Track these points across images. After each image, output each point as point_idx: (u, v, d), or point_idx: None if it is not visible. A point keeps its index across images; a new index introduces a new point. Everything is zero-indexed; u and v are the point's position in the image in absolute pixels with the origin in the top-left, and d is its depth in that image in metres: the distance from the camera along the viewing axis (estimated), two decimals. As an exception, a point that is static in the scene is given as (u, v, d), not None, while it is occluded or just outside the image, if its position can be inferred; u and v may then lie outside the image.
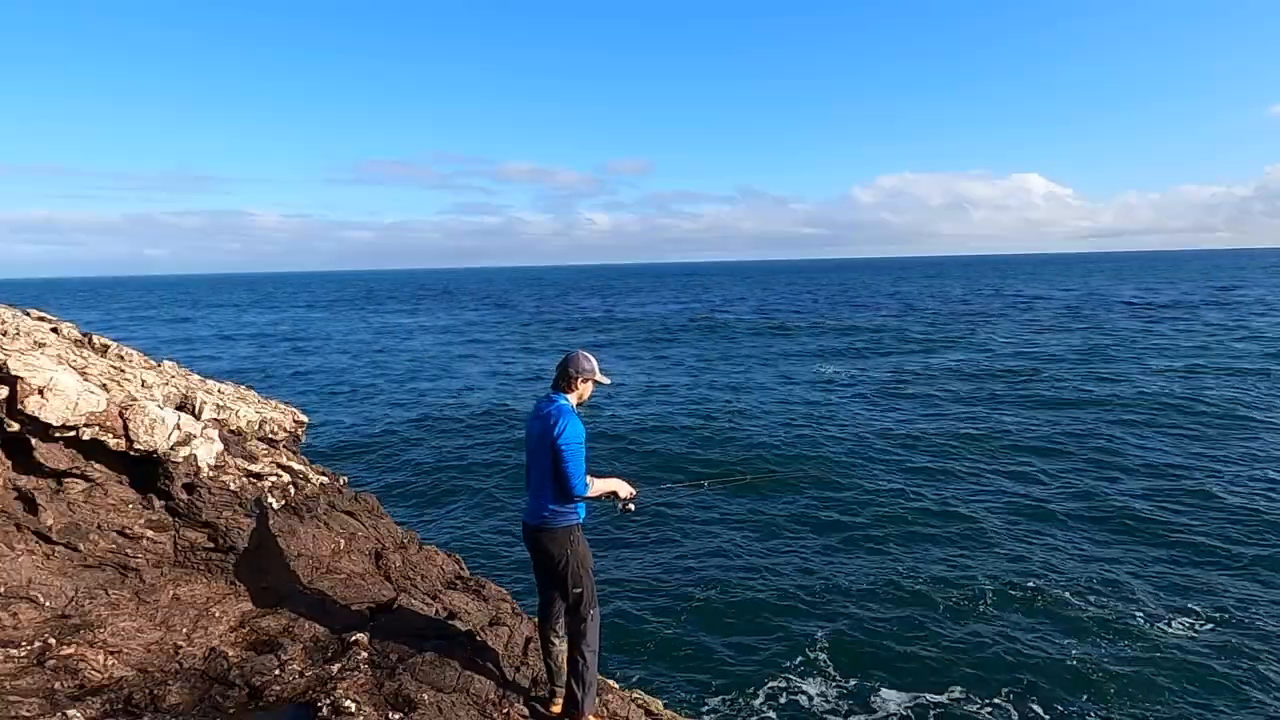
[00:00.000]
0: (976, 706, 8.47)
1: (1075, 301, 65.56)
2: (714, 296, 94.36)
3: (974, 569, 11.79)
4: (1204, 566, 11.73)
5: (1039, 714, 8.38)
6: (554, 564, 4.43)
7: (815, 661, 9.42)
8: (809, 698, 8.76)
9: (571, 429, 4.29)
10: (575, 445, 4.27)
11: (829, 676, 9.12)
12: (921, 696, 8.67)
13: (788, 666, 9.33)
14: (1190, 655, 9.34)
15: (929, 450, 18.66)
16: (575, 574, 4.42)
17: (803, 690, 8.89)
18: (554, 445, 4.26)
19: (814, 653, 9.60)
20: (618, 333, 50.81)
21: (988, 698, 8.60)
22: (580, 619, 4.46)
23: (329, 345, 47.33)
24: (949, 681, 8.89)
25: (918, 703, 8.58)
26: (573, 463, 4.25)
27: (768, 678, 9.11)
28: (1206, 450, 17.78)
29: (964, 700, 8.57)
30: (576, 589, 4.43)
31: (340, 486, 6.73)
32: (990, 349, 36.48)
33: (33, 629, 4.36)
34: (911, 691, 8.76)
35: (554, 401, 4.46)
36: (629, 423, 22.14)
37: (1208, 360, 30.17)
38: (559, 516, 4.39)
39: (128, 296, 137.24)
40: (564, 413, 4.36)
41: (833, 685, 8.95)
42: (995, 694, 8.67)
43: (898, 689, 8.82)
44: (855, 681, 9.01)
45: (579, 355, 4.56)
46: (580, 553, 4.44)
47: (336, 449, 20.10)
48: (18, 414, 4.69)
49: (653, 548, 12.93)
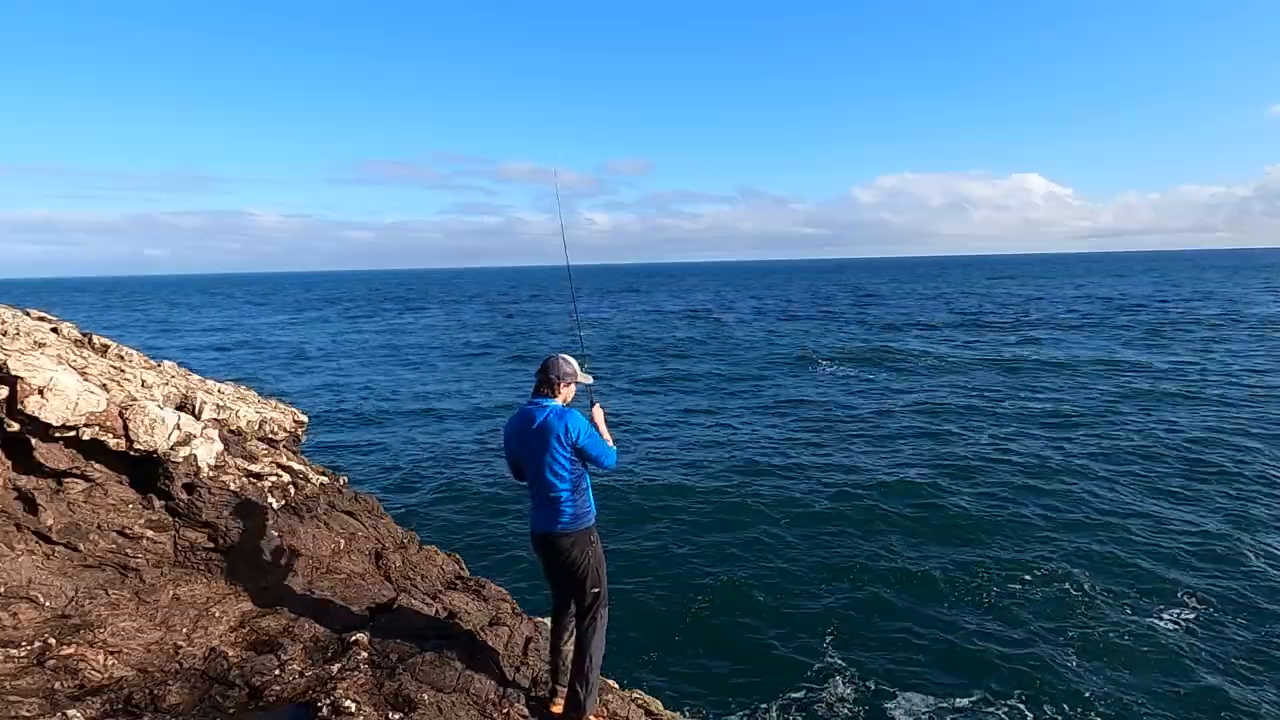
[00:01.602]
0: (991, 708, 8.46)
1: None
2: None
3: (1001, 569, 11.75)
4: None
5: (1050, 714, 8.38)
6: (575, 567, 4.41)
7: (818, 661, 9.42)
8: (811, 697, 8.75)
9: (574, 423, 4.30)
10: (592, 436, 4.34)
11: (832, 676, 9.11)
12: (929, 697, 8.65)
13: (790, 666, 9.33)
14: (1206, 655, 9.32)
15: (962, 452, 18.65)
16: (595, 575, 4.43)
17: (805, 690, 8.88)
18: (575, 448, 4.29)
19: (817, 652, 9.60)
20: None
21: (1001, 698, 8.59)
22: (592, 619, 4.45)
23: (329, 345, 47.32)
24: (962, 683, 8.86)
25: (926, 702, 8.56)
26: (599, 451, 4.37)
27: (769, 677, 9.10)
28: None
29: (979, 702, 8.55)
30: (595, 589, 4.43)
31: (340, 486, 6.73)
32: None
33: (33, 629, 4.36)
34: (919, 692, 8.74)
35: (544, 408, 4.37)
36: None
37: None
38: (579, 519, 4.38)
39: (128, 296, 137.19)
40: (564, 413, 4.34)
41: (835, 684, 8.95)
42: (1010, 694, 8.66)
43: (902, 689, 8.81)
44: (858, 681, 9.00)
45: (559, 359, 4.48)
46: (598, 554, 4.48)
47: (336, 449, 20.10)
48: (18, 414, 4.69)
49: (654, 546, 12.93)
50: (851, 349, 38.57)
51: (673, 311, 69.59)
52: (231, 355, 43.33)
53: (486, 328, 57.76)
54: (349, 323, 66.05)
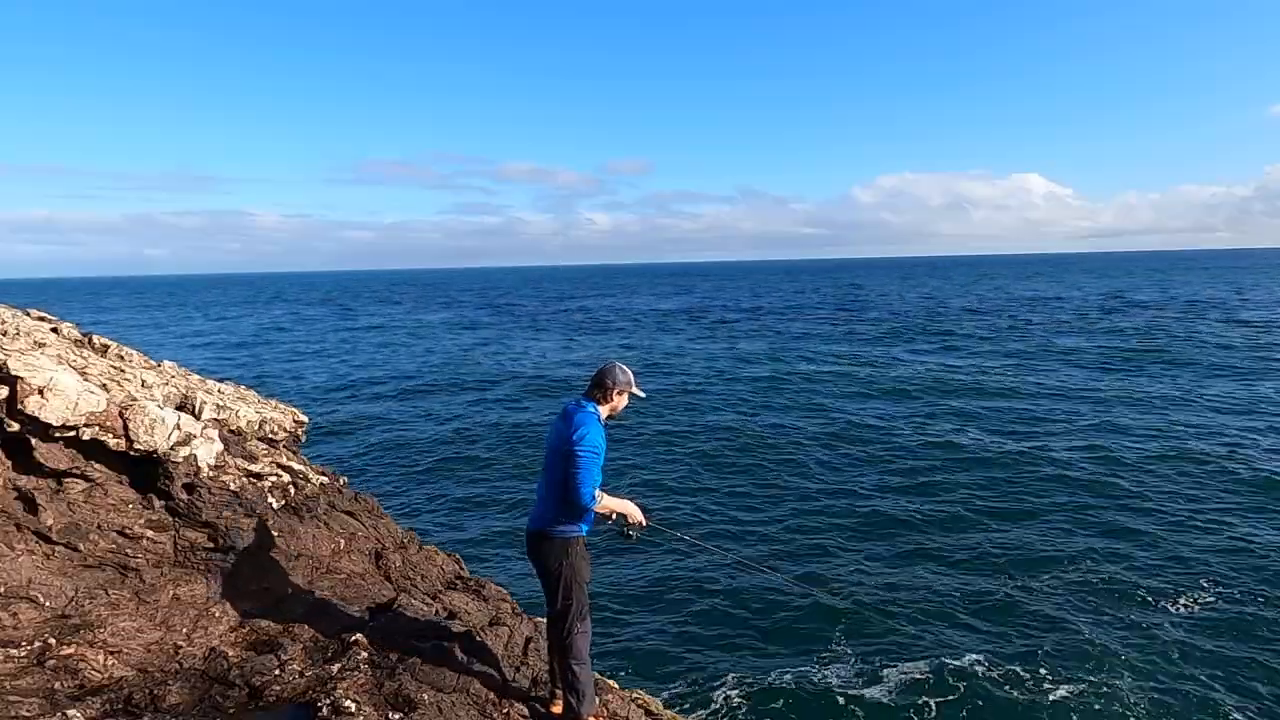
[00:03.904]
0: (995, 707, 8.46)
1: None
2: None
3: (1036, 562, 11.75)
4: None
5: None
6: (549, 573, 4.38)
7: (820, 661, 9.42)
8: (813, 698, 8.75)
9: (591, 436, 4.18)
10: (590, 452, 4.15)
11: (834, 675, 9.11)
12: (930, 699, 8.64)
13: (792, 666, 9.33)
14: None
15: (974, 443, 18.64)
16: (567, 586, 4.33)
17: (807, 690, 8.88)
18: (569, 449, 4.16)
19: (819, 651, 9.60)
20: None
21: (1007, 697, 8.58)
22: (566, 631, 4.36)
23: (329, 345, 47.31)
24: (962, 688, 8.85)
25: (927, 704, 8.55)
26: (585, 470, 4.12)
27: (770, 677, 9.10)
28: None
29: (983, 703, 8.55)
30: (566, 600, 4.34)
31: (340, 486, 6.73)
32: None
33: (33, 629, 4.36)
34: (924, 693, 8.74)
35: (583, 408, 4.35)
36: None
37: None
38: (560, 528, 4.31)
39: (126, 296, 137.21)
40: (588, 419, 4.27)
41: (838, 684, 8.94)
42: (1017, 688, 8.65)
43: (908, 687, 8.81)
44: (862, 679, 9.00)
45: (615, 366, 4.46)
46: (575, 565, 4.34)
47: (336, 449, 20.10)
48: (18, 414, 4.69)
49: (655, 545, 12.92)
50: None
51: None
52: (231, 355, 43.33)
53: (486, 328, 57.74)
54: (349, 323, 66.04)
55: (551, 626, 4.57)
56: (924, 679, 8.94)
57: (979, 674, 9.05)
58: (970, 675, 9.02)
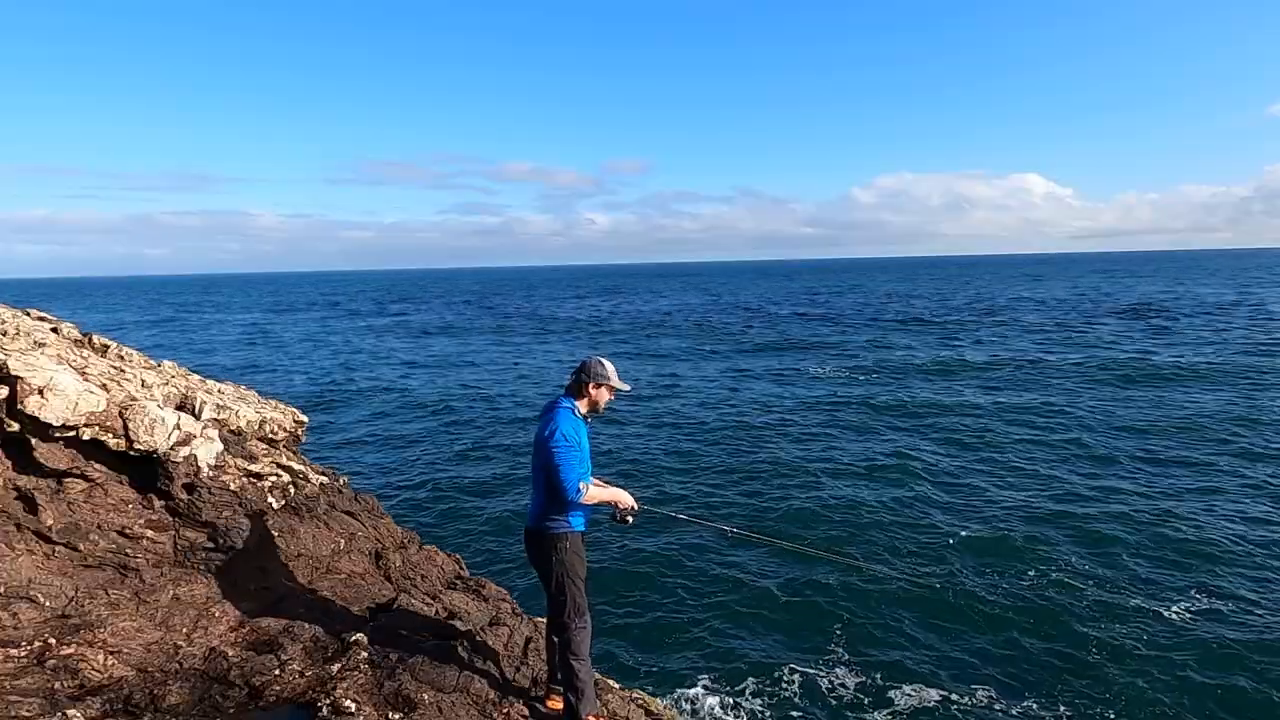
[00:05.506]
0: (999, 707, 8.44)
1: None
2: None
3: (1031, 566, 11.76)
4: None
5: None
6: (542, 570, 4.40)
7: (822, 660, 9.41)
8: (814, 697, 8.74)
9: (563, 428, 4.19)
10: (563, 445, 4.15)
11: (836, 675, 9.10)
12: (935, 698, 8.62)
13: (793, 666, 9.31)
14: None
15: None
16: (560, 582, 4.33)
17: (808, 690, 8.86)
18: (544, 444, 4.20)
19: (820, 651, 9.59)
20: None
21: (1012, 698, 8.57)
22: (563, 627, 4.37)
23: (329, 345, 47.32)
24: (969, 688, 8.83)
25: (933, 702, 8.53)
26: (563, 464, 4.13)
27: (772, 677, 9.09)
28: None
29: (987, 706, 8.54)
30: (560, 597, 4.35)
31: (340, 486, 6.73)
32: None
33: (33, 629, 4.36)
34: (925, 685, 8.71)
35: (558, 404, 4.40)
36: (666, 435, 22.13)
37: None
38: (551, 523, 4.32)
39: (127, 296, 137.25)
40: (561, 413, 4.30)
41: (841, 684, 8.93)
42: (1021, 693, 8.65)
43: (909, 689, 8.79)
44: (865, 678, 8.99)
45: (594, 361, 4.49)
46: (569, 562, 4.33)
47: (336, 449, 20.09)
48: (18, 414, 4.69)
49: (656, 543, 12.92)
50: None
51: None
52: (231, 355, 43.33)
53: (486, 328, 57.76)
54: (349, 323, 66.04)
55: (549, 623, 4.58)
56: (932, 668, 8.94)
57: (984, 661, 9.06)
58: (974, 663, 9.03)
